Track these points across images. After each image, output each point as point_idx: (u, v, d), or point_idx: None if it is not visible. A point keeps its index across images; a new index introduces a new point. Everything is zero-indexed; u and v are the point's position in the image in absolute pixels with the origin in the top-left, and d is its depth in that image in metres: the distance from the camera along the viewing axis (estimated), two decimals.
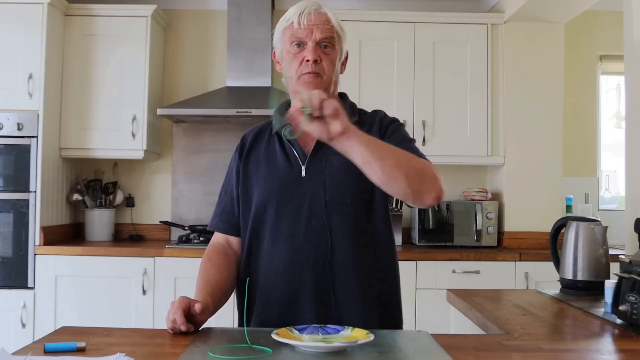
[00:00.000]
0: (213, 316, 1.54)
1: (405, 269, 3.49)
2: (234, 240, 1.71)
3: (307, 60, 1.59)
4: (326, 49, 1.61)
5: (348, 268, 1.58)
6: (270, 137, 1.69)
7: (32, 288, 3.52)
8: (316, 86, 1.60)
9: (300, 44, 1.60)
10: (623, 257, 1.77)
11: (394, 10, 4.08)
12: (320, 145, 1.60)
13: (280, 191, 1.61)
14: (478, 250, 3.65)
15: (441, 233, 3.79)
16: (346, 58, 1.72)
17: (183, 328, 1.41)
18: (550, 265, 2.33)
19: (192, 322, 1.44)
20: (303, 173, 1.61)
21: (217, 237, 1.74)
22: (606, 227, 2.16)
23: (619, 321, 1.71)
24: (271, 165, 1.65)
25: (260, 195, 1.63)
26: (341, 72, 1.70)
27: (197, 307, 1.43)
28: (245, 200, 1.67)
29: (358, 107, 1.77)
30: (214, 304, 1.53)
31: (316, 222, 1.58)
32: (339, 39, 1.65)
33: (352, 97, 1.80)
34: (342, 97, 1.76)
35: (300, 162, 1.62)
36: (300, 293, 1.57)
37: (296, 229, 1.59)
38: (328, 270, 1.57)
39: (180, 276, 3.50)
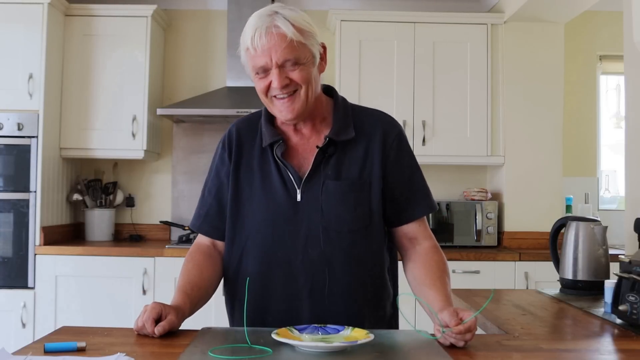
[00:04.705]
0: (213, 316, 1.55)
1: None
2: (219, 243, 1.66)
3: (275, 87, 1.49)
4: (293, 66, 1.48)
5: (346, 294, 1.55)
6: (263, 147, 1.59)
7: (32, 288, 3.52)
8: (294, 109, 1.51)
9: (264, 70, 1.49)
10: (623, 257, 1.78)
11: (394, 10, 4.09)
12: (315, 168, 1.55)
13: (275, 215, 1.55)
14: (478, 250, 3.65)
15: (441, 233, 3.79)
16: (325, 51, 1.57)
17: (155, 335, 1.40)
18: (550, 265, 2.34)
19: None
20: (299, 197, 1.54)
21: (202, 238, 1.68)
22: (606, 227, 2.17)
23: (618, 321, 1.71)
24: (266, 185, 1.57)
25: (254, 217, 1.57)
26: (322, 70, 1.58)
27: (160, 328, 1.39)
28: (234, 212, 1.60)
29: (356, 103, 1.68)
30: (191, 306, 1.51)
31: (313, 250, 1.53)
32: (303, 47, 1.48)
33: (352, 98, 1.70)
34: (330, 93, 1.66)
35: (296, 186, 1.55)
36: (298, 319, 1.52)
37: (292, 255, 1.54)
38: (326, 298, 1.53)
39: None
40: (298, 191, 1.55)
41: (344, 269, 1.54)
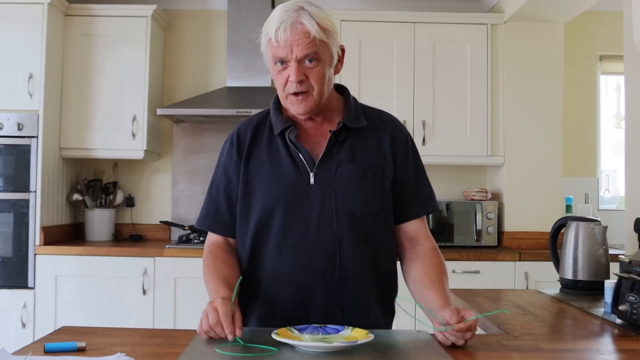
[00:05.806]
0: None
1: None
2: (232, 241, 1.66)
3: (292, 80, 1.51)
4: (311, 63, 1.50)
5: (356, 278, 1.55)
6: (272, 136, 1.61)
7: (32, 288, 3.52)
8: (306, 106, 1.53)
9: (283, 62, 1.51)
10: (623, 257, 1.78)
11: (394, 10, 4.09)
12: (329, 151, 1.56)
13: (287, 198, 1.55)
14: (478, 250, 3.65)
15: (441, 233, 3.79)
16: (343, 53, 1.59)
17: (230, 337, 1.33)
18: (550, 265, 2.34)
19: None
20: (312, 180, 1.55)
21: (215, 237, 1.67)
22: (606, 227, 2.17)
23: (618, 321, 1.71)
24: (276, 169, 1.57)
25: (266, 201, 1.57)
26: (338, 72, 1.60)
27: (240, 331, 1.35)
28: (245, 204, 1.60)
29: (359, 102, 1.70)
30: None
31: (325, 233, 1.53)
32: (325, 46, 1.51)
33: None
34: (342, 91, 1.68)
35: (309, 169, 1.55)
36: (308, 304, 1.53)
37: (304, 238, 1.54)
38: (337, 281, 1.54)
39: (180, 276, 3.50)
40: (311, 174, 1.55)
41: (354, 254, 1.55)
